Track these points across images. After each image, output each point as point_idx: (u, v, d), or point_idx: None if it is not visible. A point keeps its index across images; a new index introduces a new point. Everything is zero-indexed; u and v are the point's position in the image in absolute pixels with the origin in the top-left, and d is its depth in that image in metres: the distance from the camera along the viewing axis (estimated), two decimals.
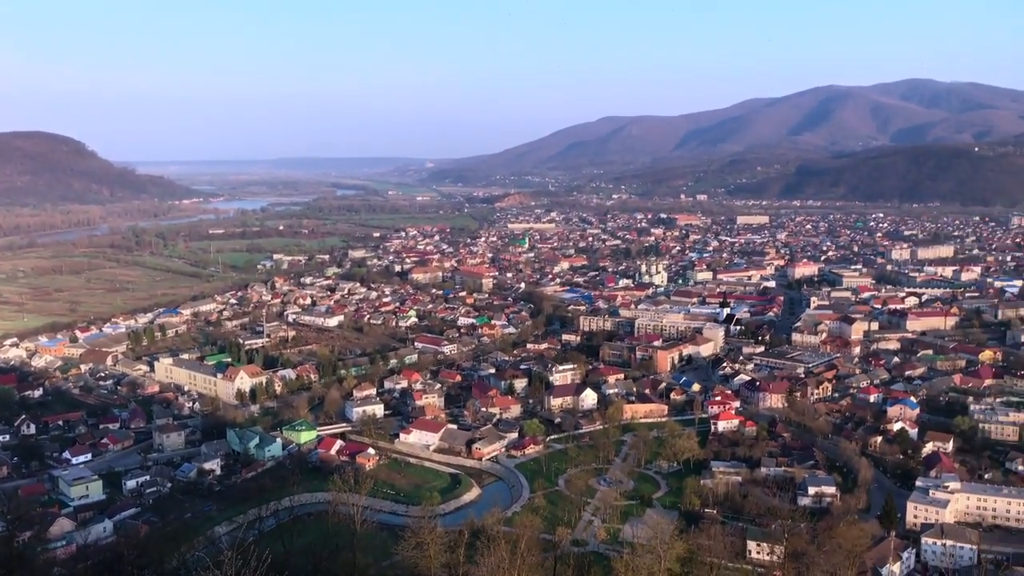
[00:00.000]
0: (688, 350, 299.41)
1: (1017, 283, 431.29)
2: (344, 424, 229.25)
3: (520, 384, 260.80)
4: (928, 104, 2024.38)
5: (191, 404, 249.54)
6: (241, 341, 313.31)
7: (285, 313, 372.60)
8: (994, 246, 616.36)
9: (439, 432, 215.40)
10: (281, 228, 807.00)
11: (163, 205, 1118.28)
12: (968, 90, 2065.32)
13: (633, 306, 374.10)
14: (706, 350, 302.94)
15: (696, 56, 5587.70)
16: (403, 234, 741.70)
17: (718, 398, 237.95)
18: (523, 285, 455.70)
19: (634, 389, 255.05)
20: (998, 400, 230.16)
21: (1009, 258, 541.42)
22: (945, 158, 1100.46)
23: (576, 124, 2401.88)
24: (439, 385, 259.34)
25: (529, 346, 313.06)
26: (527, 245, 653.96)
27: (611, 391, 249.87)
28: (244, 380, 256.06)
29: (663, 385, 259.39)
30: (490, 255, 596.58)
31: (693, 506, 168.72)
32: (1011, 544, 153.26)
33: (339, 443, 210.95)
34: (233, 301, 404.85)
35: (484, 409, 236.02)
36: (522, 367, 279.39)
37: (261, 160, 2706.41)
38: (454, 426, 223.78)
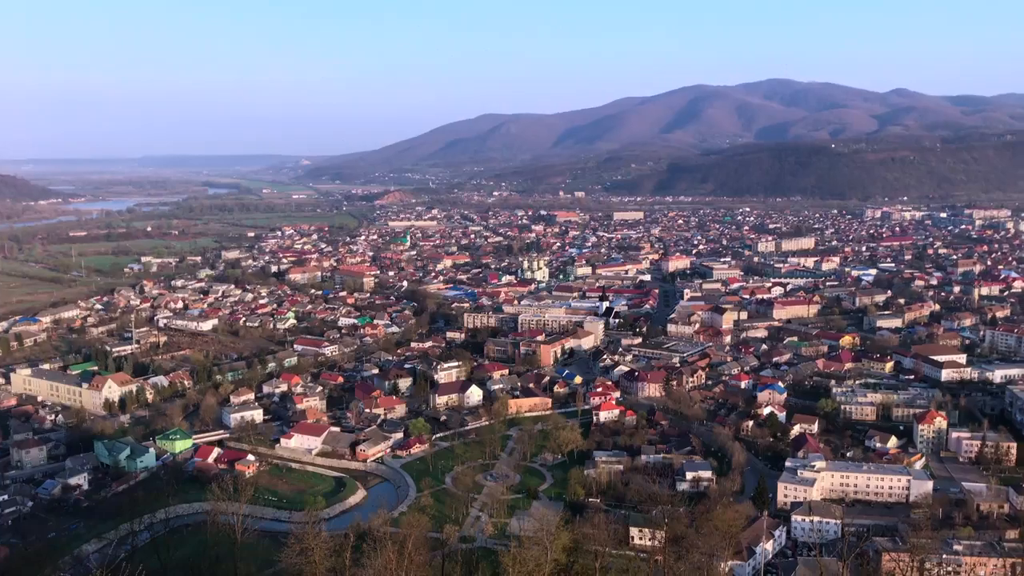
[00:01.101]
0: (570, 344, 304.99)
1: (872, 272, 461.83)
2: (222, 431, 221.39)
3: (405, 384, 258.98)
4: (788, 103, 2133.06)
5: (53, 417, 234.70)
6: (108, 348, 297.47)
7: (155, 318, 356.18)
8: (851, 237, 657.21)
9: (322, 435, 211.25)
10: (149, 229, 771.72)
11: (16, 206, 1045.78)
12: (824, 90, 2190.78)
13: (516, 302, 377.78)
14: (587, 343, 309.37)
15: (571, 55, 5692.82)
16: (279, 233, 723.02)
17: (599, 389, 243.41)
18: (405, 283, 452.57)
19: (519, 384, 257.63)
20: (857, 382, 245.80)
21: (864, 248, 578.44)
22: (805, 155, 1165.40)
23: (456, 121, 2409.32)
24: (320, 388, 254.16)
25: (413, 345, 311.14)
26: (409, 243, 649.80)
27: (496, 387, 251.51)
28: (112, 389, 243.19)
29: (547, 379, 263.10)
30: (371, 254, 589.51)
31: (578, 496, 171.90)
32: (871, 517, 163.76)
33: (217, 451, 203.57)
34: (99, 307, 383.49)
35: (368, 410, 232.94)
36: (406, 366, 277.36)
37: (126, 158, 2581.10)
38: (337, 429, 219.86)
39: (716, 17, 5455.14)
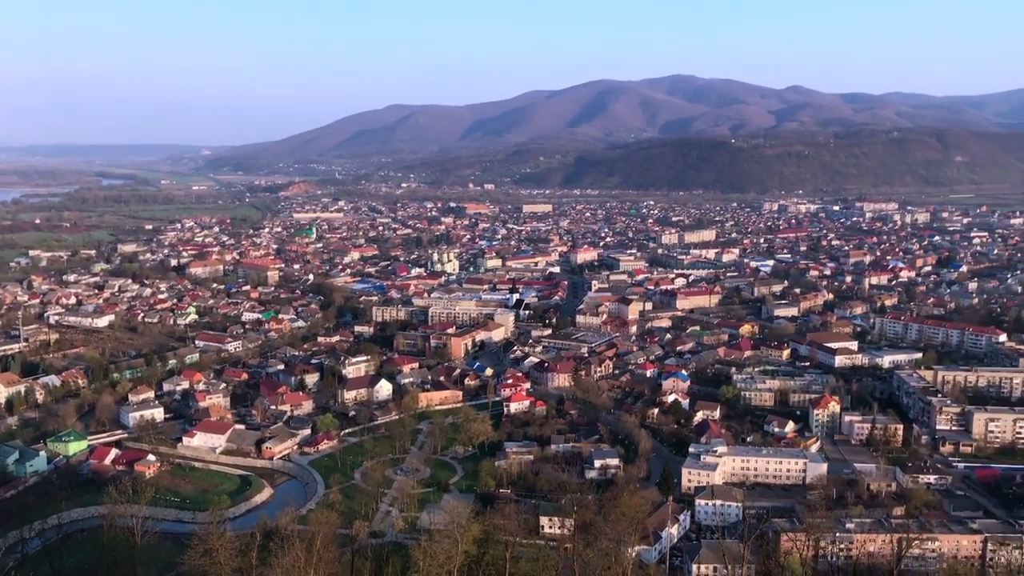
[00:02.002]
0: (481, 336, 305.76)
1: (770, 263, 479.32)
2: (120, 431, 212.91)
3: (312, 379, 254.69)
4: (691, 99, 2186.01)
5: None
6: None
7: (46, 314, 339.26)
8: (749, 229, 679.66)
9: (226, 433, 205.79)
10: (38, 221, 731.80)
11: None
12: (725, 86, 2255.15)
13: (426, 295, 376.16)
14: (498, 335, 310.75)
15: (479, 47, 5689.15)
16: (179, 226, 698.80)
17: (510, 381, 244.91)
18: (312, 277, 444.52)
19: (429, 377, 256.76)
20: (756, 369, 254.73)
21: (762, 240, 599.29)
22: (706, 149, 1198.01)
23: (363, 111, 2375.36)
24: (224, 384, 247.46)
25: (320, 339, 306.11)
26: (315, 235, 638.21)
27: (406, 380, 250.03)
28: None
29: (457, 371, 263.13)
30: (275, 246, 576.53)
31: (488, 488, 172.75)
32: (770, 499, 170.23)
33: (114, 452, 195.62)
34: None
35: (274, 407, 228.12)
36: (313, 361, 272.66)
37: (9, 147, 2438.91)
38: (242, 426, 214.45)
39: (620, 13, 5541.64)
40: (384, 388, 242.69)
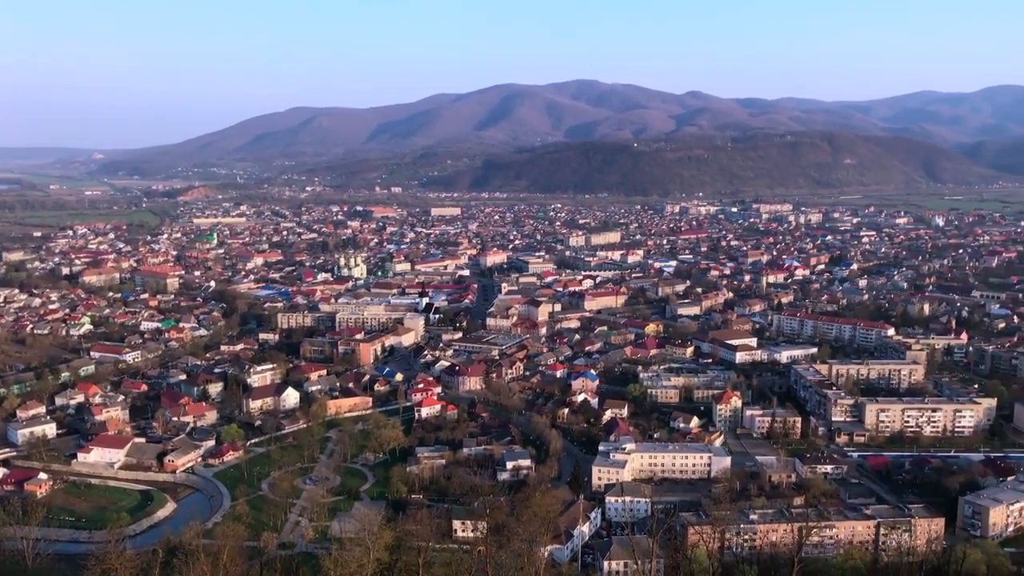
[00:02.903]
0: (390, 341, 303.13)
1: (672, 264, 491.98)
2: (7, 449, 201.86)
3: (215, 389, 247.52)
4: (595, 103, 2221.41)
5: None
6: None
7: None
8: (653, 231, 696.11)
9: (125, 447, 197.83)
10: None
11: None
12: (627, 91, 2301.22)
13: (333, 300, 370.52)
14: (408, 340, 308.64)
15: (383, 49, 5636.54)
16: (71, 233, 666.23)
17: (421, 385, 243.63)
18: (213, 284, 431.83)
19: (338, 384, 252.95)
20: (662, 367, 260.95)
21: (665, 242, 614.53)
22: (610, 153, 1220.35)
23: (265, 114, 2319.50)
24: (122, 397, 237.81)
25: (223, 348, 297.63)
26: (216, 241, 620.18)
27: (314, 388, 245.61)
28: None
29: (367, 377, 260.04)
30: (175, 253, 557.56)
31: (400, 494, 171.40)
32: (677, 494, 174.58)
33: (2, 471, 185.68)
34: None
35: (176, 418, 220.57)
36: (216, 371, 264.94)
37: None
38: (142, 439, 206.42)
39: (524, 17, 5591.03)
40: (291, 396, 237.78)
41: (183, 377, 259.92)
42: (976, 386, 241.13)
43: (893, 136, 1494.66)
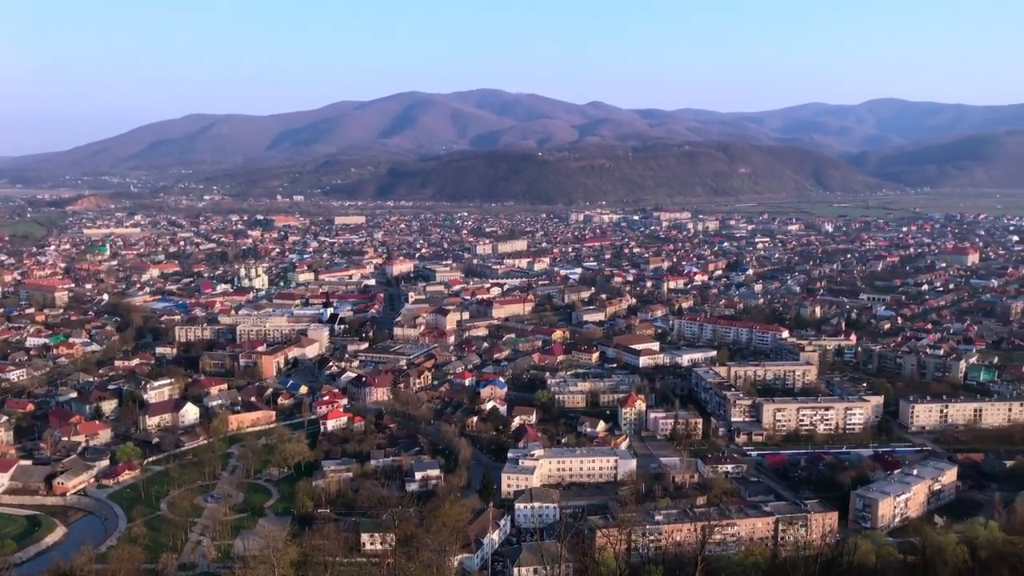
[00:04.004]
0: (294, 353, 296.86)
1: (578, 271, 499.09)
2: None
3: (109, 406, 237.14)
4: (499, 112, 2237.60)
5: None
6: None
7: None
8: (558, 239, 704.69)
9: (9, 471, 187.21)
10: None
11: None
12: (531, 101, 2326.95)
13: (234, 312, 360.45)
14: (312, 351, 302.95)
15: (284, 55, 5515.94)
16: None
17: (326, 398, 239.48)
18: (106, 297, 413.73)
19: (239, 398, 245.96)
20: (569, 373, 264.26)
21: (570, 249, 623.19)
22: (515, 162, 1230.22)
23: (160, 121, 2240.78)
24: (6, 418, 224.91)
25: (118, 363, 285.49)
26: (108, 252, 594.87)
27: (214, 403, 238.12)
28: None
29: (270, 391, 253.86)
30: (63, 265, 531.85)
31: (306, 508, 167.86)
32: (585, 497, 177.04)
33: None
34: None
35: (66, 438, 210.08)
36: (111, 387, 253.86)
37: None
38: (28, 462, 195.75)
39: (426, 25, 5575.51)
40: (190, 412, 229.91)
41: (74, 395, 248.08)
42: (865, 384, 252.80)
43: (785, 146, 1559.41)
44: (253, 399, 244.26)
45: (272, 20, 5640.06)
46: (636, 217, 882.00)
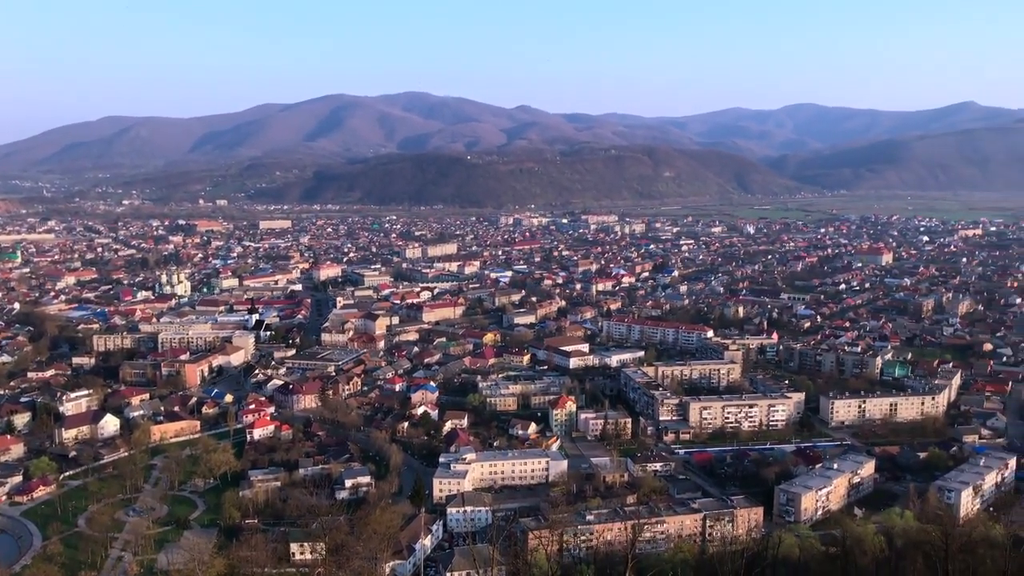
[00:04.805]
0: (218, 360, 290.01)
1: (508, 274, 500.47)
2: None
3: (22, 419, 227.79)
4: (426, 115, 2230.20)
5: None
6: None
7: None
8: (488, 242, 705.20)
9: None
10: None
11: None
12: (459, 104, 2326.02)
13: (155, 320, 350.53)
14: (237, 359, 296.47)
15: (205, 56, 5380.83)
16: None
17: (252, 406, 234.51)
18: (18, 305, 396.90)
19: (162, 408, 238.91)
20: (500, 376, 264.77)
21: (500, 252, 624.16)
22: (444, 165, 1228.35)
23: (74, 123, 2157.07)
24: None
25: (31, 375, 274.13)
26: (20, 259, 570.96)
27: (135, 413, 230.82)
28: None
29: (194, 400, 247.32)
30: None
31: (233, 520, 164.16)
32: (517, 500, 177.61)
33: None
34: None
35: None
36: (23, 400, 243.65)
37: None
38: None
39: (351, 26, 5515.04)
40: (110, 423, 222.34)
41: None
42: (787, 382, 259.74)
43: (707, 150, 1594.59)
44: (176, 409, 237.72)
45: (193, 20, 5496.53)
46: (565, 220, 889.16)
